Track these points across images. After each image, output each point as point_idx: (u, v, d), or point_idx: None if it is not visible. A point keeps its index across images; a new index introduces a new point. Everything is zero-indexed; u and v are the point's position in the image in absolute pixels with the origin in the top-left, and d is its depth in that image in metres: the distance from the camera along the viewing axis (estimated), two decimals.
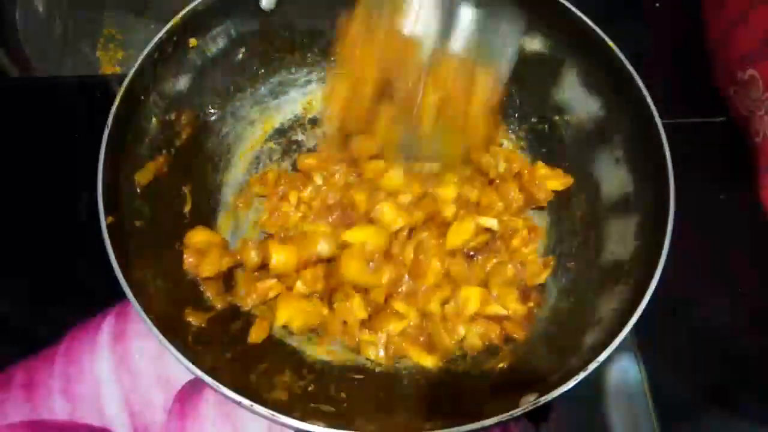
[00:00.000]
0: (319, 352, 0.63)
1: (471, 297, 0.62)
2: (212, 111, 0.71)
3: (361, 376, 0.61)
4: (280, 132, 0.76)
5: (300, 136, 0.76)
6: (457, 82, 0.58)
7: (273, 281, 0.62)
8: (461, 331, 0.62)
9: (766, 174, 0.73)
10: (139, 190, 0.60)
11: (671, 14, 0.91)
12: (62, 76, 0.88)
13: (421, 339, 0.63)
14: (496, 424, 0.48)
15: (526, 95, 0.73)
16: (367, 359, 0.63)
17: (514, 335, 0.62)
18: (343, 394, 0.58)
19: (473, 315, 0.62)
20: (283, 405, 0.49)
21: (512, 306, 0.62)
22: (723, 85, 0.81)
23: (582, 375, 0.50)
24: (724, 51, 0.80)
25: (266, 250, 0.63)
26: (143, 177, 0.61)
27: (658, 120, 0.59)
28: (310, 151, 0.75)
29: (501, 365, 0.60)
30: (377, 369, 0.62)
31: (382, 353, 0.62)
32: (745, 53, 0.75)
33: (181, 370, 0.54)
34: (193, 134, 0.68)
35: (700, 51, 0.84)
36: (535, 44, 0.69)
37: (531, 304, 0.64)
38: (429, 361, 0.61)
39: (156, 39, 0.61)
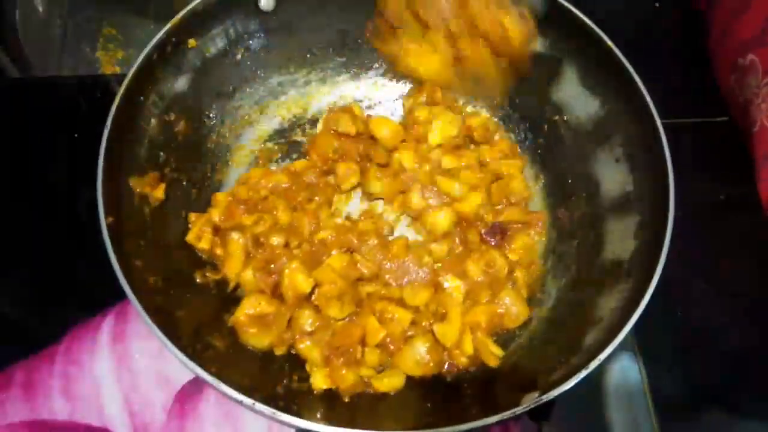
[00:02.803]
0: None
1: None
2: (212, 111, 0.71)
3: None
4: (280, 132, 0.76)
5: (300, 137, 0.76)
6: (488, 16, 0.59)
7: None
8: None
9: (763, 164, 0.73)
10: (138, 190, 0.60)
11: (671, 14, 0.91)
12: (62, 76, 0.88)
13: None
14: (498, 423, 0.48)
15: (526, 95, 0.73)
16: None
17: None
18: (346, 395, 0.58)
19: None
20: (283, 404, 0.49)
21: None
22: (723, 75, 0.81)
23: (583, 374, 0.50)
24: (725, 40, 0.80)
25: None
26: (140, 184, 0.61)
27: (658, 120, 0.59)
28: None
29: (502, 365, 0.60)
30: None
31: None
32: (746, 39, 0.75)
33: (181, 369, 0.54)
34: (193, 134, 0.68)
35: (700, 51, 0.84)
36: (534, 44, 0.69)
37: None
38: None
39: (155, 39, 0.61)
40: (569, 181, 0.69)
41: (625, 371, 0.66)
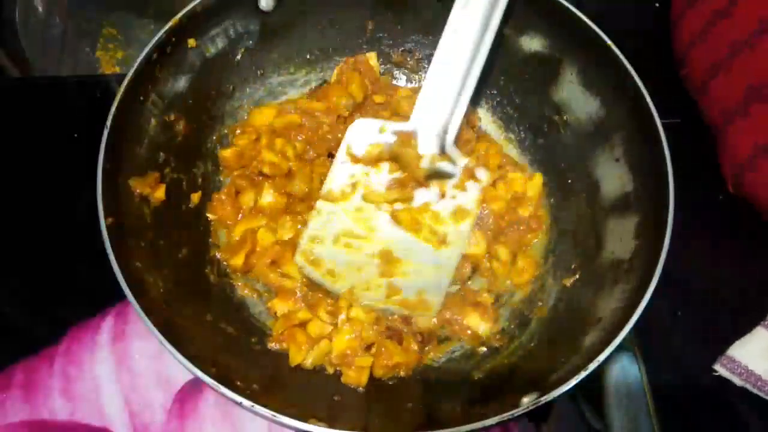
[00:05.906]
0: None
1: None
2: (212, 111, 0.71)
3: None
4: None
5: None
6: None
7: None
8: None
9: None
10: (138, 191, 0.60)
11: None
12: (62, 76, 0.88)
13: None
14: (497, 424, 0.48)
15: (526, 95, 0.73)
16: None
17: None
18: (344, 394, 0.58)
19: None
20: (281, 406, 0.49)
21: None
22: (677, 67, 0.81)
23: (583, 374, 0.50)
24: (675, 32, 0.80)
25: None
26: (140, 185, 0.61)
27: (658, 120, 0.59)
28: None
29: (502, 365, 0.60)
30: None
31: None
32: (695, 31, 0.76)
33: (181, 370, 0.54)
34: (193, 134, 0.68)
35: None
36: (534, 44, 0.69)
37: None
38: None
39: (155, 39, 0.61)
40: (569, 181, 0.70)
41: (625, 371, 0.66)
